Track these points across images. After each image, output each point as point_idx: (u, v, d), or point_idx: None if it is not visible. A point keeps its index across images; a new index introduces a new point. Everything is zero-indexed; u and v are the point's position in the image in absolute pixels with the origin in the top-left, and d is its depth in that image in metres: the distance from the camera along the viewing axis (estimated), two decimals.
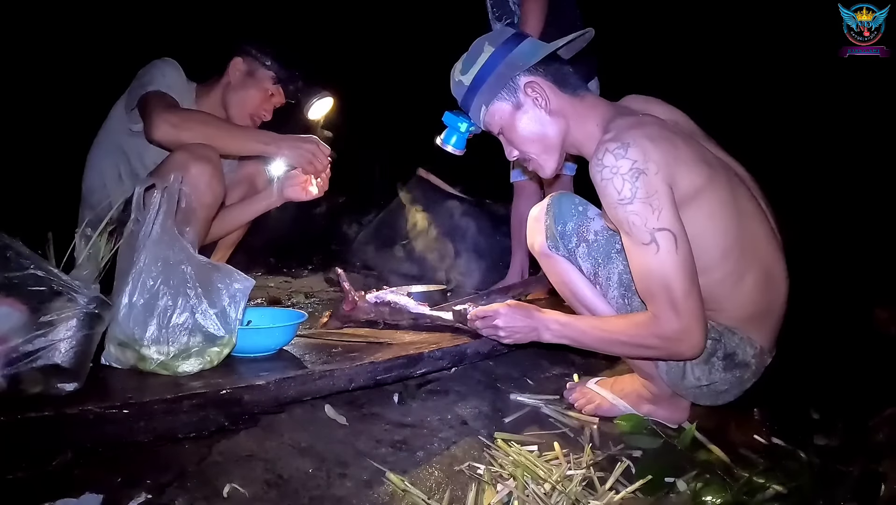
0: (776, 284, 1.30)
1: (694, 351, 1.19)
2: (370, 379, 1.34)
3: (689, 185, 1.19)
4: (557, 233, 1.37)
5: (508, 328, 1.36)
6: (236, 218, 2.13)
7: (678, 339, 1.16)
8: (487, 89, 1.34)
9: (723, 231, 1.23)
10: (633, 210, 1.15)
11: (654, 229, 1.13)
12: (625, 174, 1.15)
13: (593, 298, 1.37)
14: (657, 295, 1.16)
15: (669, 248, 1.13)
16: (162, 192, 1.23)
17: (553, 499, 1.06)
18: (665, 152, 1.18)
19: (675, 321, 1.15)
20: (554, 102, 1.32)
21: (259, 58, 2.03)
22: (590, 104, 1.34)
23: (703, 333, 1.16)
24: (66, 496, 0.90)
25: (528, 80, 1.33)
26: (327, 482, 1.06)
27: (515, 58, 1.33)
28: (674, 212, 1.15)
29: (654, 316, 1.17)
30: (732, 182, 1.28)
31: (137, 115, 1.75)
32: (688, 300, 1.14)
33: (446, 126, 1.69)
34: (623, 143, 1.17)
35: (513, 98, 1.34)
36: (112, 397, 1.04)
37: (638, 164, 1.15)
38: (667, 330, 1.16)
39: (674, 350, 1.19)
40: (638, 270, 1.19)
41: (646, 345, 1.21)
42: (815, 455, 1.19)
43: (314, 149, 1.86)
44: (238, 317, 1.28)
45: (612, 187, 1.16)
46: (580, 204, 1.38)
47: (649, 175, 1.14)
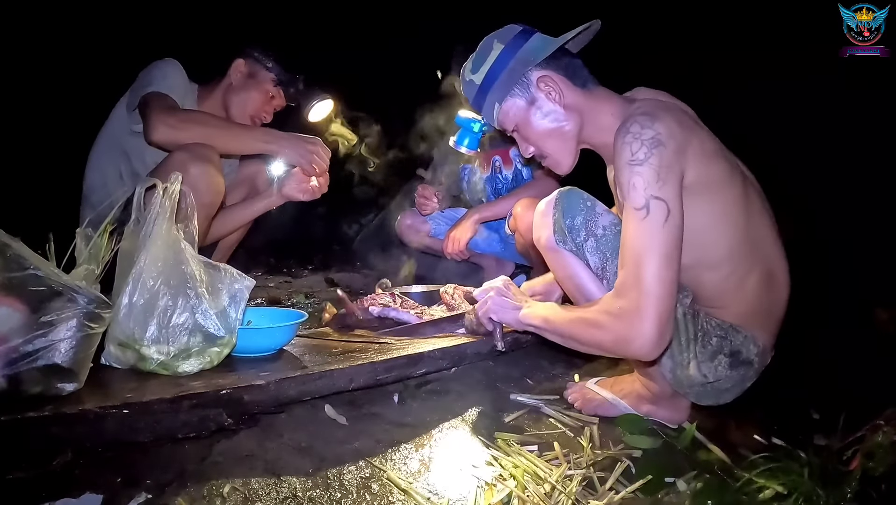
0: (779, 284, 1.30)
1: (643, 341, 1.08)
2: (370, 379, 1.35)
3: (707, 175, 1.19)
4: (566, 227, 1.34)
5: (498, 307, 1.39)
6: (237, 218, 2.13)
7: (628, 320, 1.08)
8: (500, 86, 1.34)
9: (732, 227, 1.23)
10: (640, 172, 1.13)
11: (651, 196, 1.12)
12: (645, 140, 1.15)
13: (599, 294, 1.34)
14: (626, 264, 1.12)
15: (658, 218, 1.10)
16: (162, 192, 1.23)
17: (553, 499, 1.06)
18: (688, 138, 1.18)
19: (631, 298, 1.08)
20: (568, 96, 1.32)
21: (261, 60, 2.03)
22: (602, 97, 1.34)
23: (657, 323, 1.07)
24: (66, 496, 0.90)
25: (540, 75, 1.32)
26: (327, 482, 1.06)
27: (526, 53, 1.33)
28: (677, 192, 1.14)
29: (613, 291, 1.13)
30: (745, 180, 1.28)
31: (139, 115, 1.75)
32: (654, 279, 1.07)
33: (459, 127, 1.67)
34: (652, 116, 1.17)
35: (526, 94, 1.33)
36: (112, 397, 1.04)
37: (661, 137, 1.15)
38: (618, 307, 1.10)
39: (622, 333, 1.10)
40: (623, 238, 1.15)
41: (596, 323, 1.15)
42: (815, 455, 1.19)
43: (315, 149, 1.86)
44: (238, 317, 1.28)
45: (628, 149, 1.16)
46: (588, 199, 1.36)
47: (667, 149, 1.14)
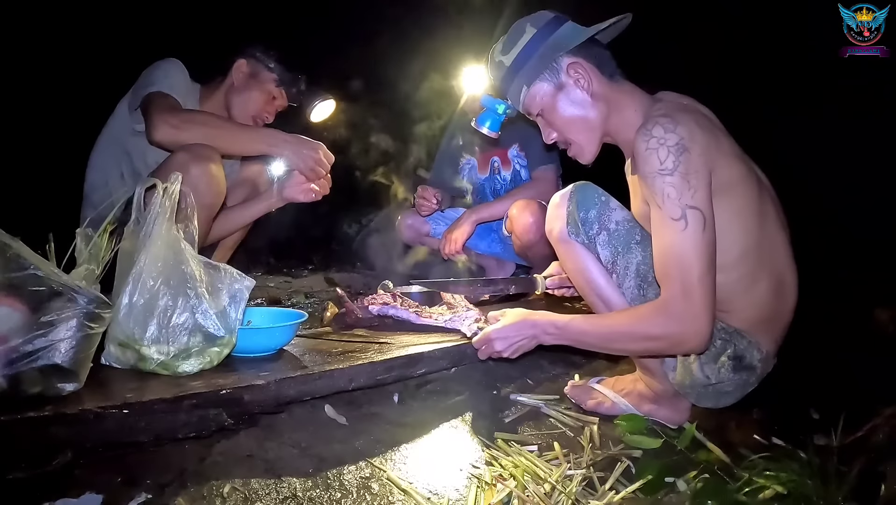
0: (787, 291, 1.30)
1: (699, 340, 1.15)
2: (370, 379, 1.34)
3: (725, 177, 1.20)
4: (580, 219, 1.35)
5: (508, 347, 1.35)
6: (237, 219, 2.13)
7: (683, 324, 1.13)
8: (530, 70, 1.34)
9: (746, 231, 1.23)
10: (672, 182, 1.15)
11: (686, 206, 1.13)
12: (671, 146, 1.15)
13: (608, 287, 1.36)
14: (672, 274, 1.14)
15: (697, 227, 1.13)
16: (162, 192, 1.23)
17: (553, 499, 1.06)
18: (709, 140, 1.19)
19: (684, 304, 1.12)
20: (596, 85, 1.32)
21: (262, 60, 2.03)
22: (628, 91, 1.34)
23: (710, 322, 1.14)
24: (66, 496, 0.90)
25: (571, 62, 1.32)
26: (327, 482, 1.06)
27: (558, 39, 1.32)
28: (708, 195, 1.15)
29: (663, 300, 1.15)
30: (761, 184, 1.29)
31: (141, 114, 1.75)
32: (701, 285, 1.12)
33: (483, 108, 1.69)
34: (674, 120, 1.18)
35: (555, 79, 1.33)
36: (112, 397, 1.04)
37: (684, 142, 1.15)
38: (673, 314, 1.13)
39: (678, 338, 1.16)
40: (661, 246, 1.17)
41: (650, 335, 1.18)
42: (815, 455, 1.19)
43: (317, 154, 1.84)
44: (238, 317, 1.28)
45: (655, 157, 1.16)
46: (602, 194, 1.37)
47: (693, 154, 1.15)
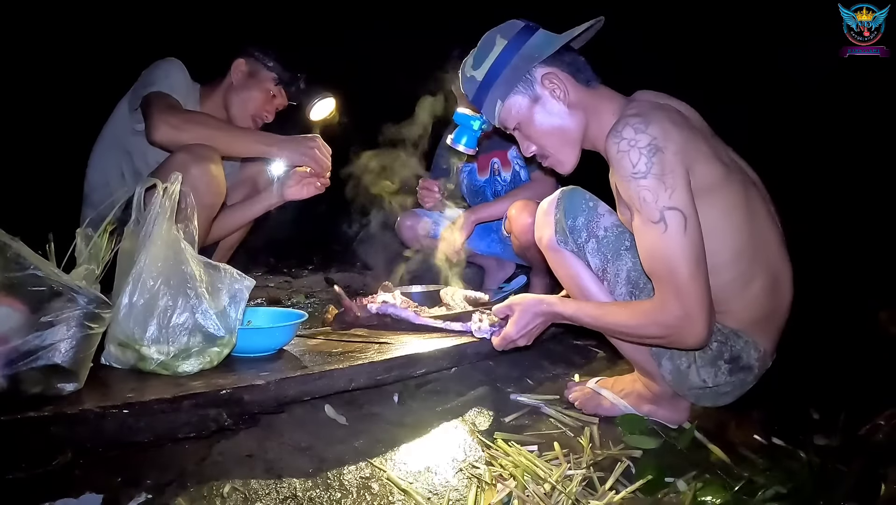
0: (782, 289, 1.29)
1: (697, 339, 1.15)
2: (370, 379, 1.34)
3: (704, 178, 1.18)
4: (567, 227, 1.34)
5: (525, 334, 1.37)
6: (237, 218, 2.13)
7: (680, 325, 1.13)
8: (503, 83, 1.31)
9: (735, 231, 1.22)
10: (646, 185, 1.13)
11: (664, 207, 1.12)
12: (642, 148, 1.13)
13: (600, 294, 1.36)
14: (662, 277, 1.14)
15: (678, 228, 1.11)
16: (162, 192, 1.23)
17: (553, 499, 1.06)
18: (686, 137, 1.17)
19: (677, 306, 1.12)
20: (573, 94, 1.30)
21: (261, 59, 2.03)
22: (606, 96, 1.32)
23: (706, 320, 1.13)
24: (66, 496, 0.90)
25: (545, 72, 1.29)
26: (327, 482, 1.06)
27: (530, 49, 1.29)
28: (688, 194, 1.13)
29: (657, 301, 1.15)
30: (746, 184, 1.27)
31: (141, 114, 1.75)
32: (692, 284, 1.11)
33: (457, 125, 1.62)
34: (645, 119, 1.15)
35: (530, 91, 1.30)
36: (112, 397, 1.04)
37: (657, 142, 1.13)
38: (669, 316, 1.13)
39: (676, 338, 1.17)
40: (645, 249, 1.17)
41: (648, 334, 1.20)
42: (815, 455, 1.19)
43: (316, 145, 1.87)
44: (238, 317, 1.28)
45: (627, 160, 1.14)
46: (590, 200, 1.36)
47: (666, 153, 1.13)
